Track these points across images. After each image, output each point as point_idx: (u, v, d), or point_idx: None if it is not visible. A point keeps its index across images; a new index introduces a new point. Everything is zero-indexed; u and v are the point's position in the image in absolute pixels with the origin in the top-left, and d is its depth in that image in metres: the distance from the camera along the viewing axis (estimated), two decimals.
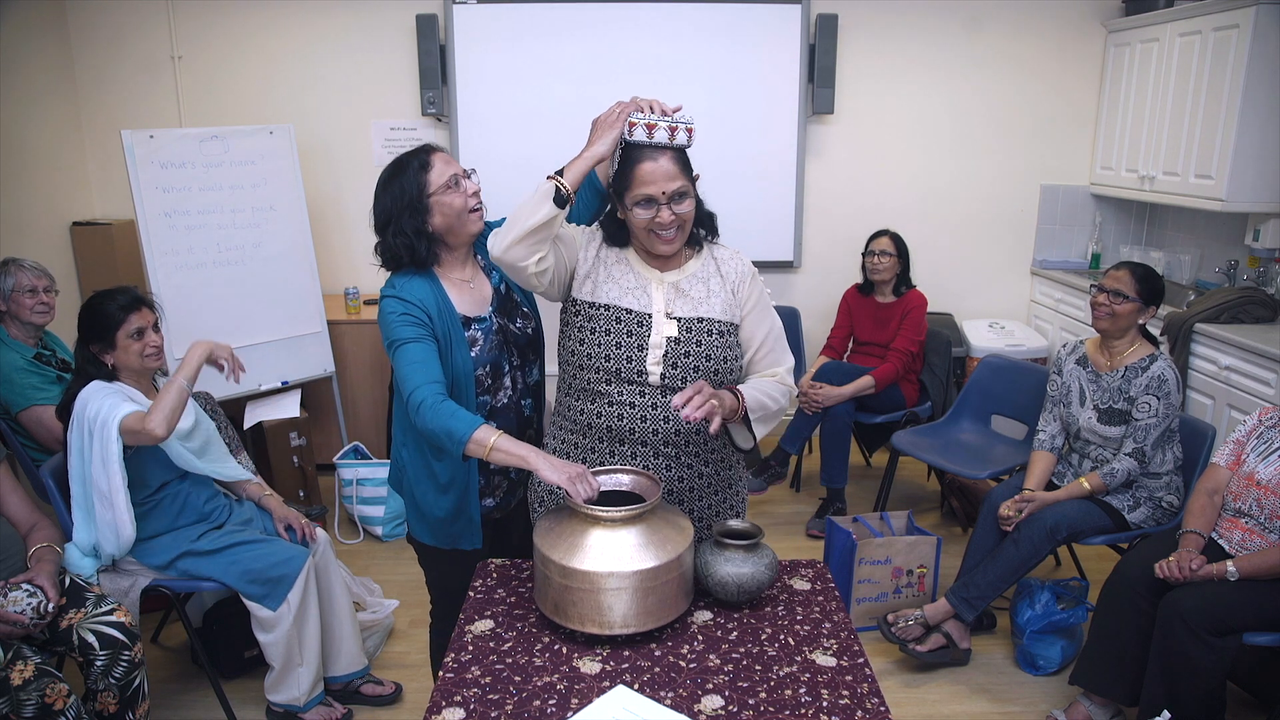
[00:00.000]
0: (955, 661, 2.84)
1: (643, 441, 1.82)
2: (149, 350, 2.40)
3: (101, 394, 2.31)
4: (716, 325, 1.84)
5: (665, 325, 1.81)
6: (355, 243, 4.65)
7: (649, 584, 1.56)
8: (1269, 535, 2.34)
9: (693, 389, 1.65)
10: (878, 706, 1.43)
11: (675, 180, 1.75)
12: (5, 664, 1.98)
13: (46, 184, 4.18)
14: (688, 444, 1.85)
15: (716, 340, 1.83)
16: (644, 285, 1.84)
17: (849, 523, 3.12)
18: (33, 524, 2.35)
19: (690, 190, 1.79)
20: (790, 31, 4.36)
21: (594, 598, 1.55)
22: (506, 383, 2.00)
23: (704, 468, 1.89)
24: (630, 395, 1.80)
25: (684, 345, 1.80)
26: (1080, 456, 2.91)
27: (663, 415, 1.80)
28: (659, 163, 1.74)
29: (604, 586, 1.55)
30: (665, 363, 1.79)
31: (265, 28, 4.42)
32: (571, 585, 1.56)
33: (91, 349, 2.38)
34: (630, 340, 1.80)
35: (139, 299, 2.42)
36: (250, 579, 2.41)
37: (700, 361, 1.80)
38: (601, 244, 1.90)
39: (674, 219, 1.77)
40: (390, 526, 3.75)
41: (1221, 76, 3.67)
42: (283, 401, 3.85)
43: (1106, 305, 2.76)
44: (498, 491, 2.06)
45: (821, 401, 3.73)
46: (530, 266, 1.74)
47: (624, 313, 1.82)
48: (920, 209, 4.69)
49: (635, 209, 1.77)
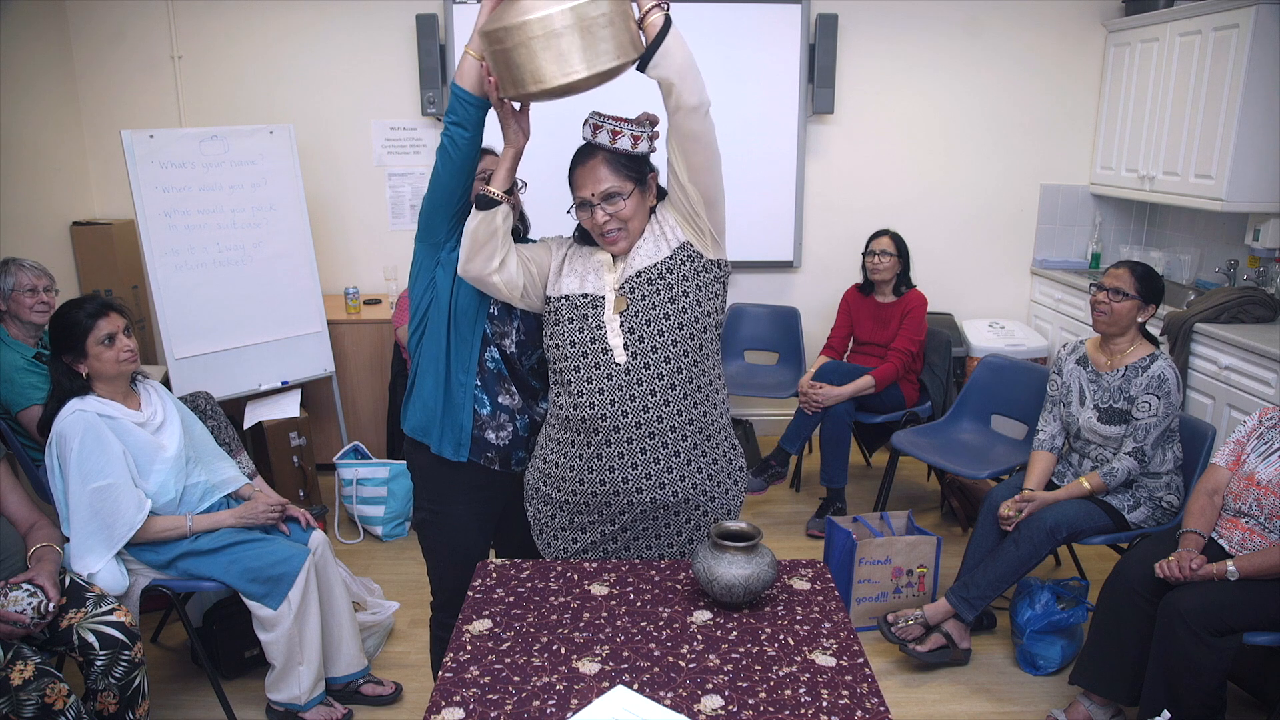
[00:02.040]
0: (955, 661, 2.84)
1: (615, 428, 1.83)
2: (123, 355, 2.40)
3: (84, 435, 2.31)
4: (653, 270, 1.84)
5: (616, 299, 1.85)
6: (355, 243, 4.65)
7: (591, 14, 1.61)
8: (1269, 535, 2.34)
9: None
10: (877, 706, 1.43)
11: (604, 182, 1.81)
12: (5, 664, 1.98)
13: (46, 184, 4.18)
14: (665, 430, 1.84)
15: (659, 285, 1.83)
16: (597, 269, 1.90)
17: (849, 523, 3.12)
18: (32, 523, 2.35)
19: (625, 190, 1.82)
20: (790, 31, 4.36)
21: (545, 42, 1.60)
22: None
23: (685, 463, 1.87)
24: (598, 380, 1.82)
25: (633, 307, 1.83)
26: (1080, 456, 2.90)
27: (629, 397, 1.82)
28: (588, 165, 1.83)
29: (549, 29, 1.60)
30: (624, 333, 1.82)
31: (265, 28, 4.42)
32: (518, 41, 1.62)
33: (64, 360, 2.39)
34: (588, 323, 1.85)
35: (107, 304, 2.42)
36: (250, 578, 2.41)
37: (650, 314, 1.82)
38: (572, 244, 1.98)
39: (607, 218, 1.83)
40: (390, 526, 3.75)
41: (1221, 76, 3.67)
42: (283, 401, 3.85)
43: (1105, 303, 2.76)
44: (503, 432, 2.04)
45: (821, 401, 3.73)
46: (494, 276, 1.84)
47: (580, 299, 1.87)
48: (920, 209, 4.70)
49: (577, 211, 1.88)
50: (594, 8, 1.63)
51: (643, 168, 1.86)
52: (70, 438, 2.31)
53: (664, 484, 1.86)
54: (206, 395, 3.40)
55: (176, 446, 2.50)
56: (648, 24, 1.73)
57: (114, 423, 2.38)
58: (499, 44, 1.66)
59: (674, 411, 1.84)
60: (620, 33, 1.68)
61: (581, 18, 1.62)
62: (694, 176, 1.81)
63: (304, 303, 3.97)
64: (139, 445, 2.41)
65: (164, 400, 2.57)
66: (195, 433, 2.62)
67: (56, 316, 2.42)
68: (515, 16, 1.63)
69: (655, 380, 1.82)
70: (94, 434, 2.32)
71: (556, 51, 1.63)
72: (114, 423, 2.38)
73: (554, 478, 1.94)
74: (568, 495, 1.92)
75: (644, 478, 1.85)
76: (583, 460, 1.87)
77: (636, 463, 1.85)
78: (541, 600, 1.74)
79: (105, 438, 2.33)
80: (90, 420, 2.33)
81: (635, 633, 1.62)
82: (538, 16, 1.61)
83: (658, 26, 1.72)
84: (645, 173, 1.86)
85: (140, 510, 2.36)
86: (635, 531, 1.93)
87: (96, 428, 2.33)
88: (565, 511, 1.95)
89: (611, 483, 1.86)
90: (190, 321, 3.65)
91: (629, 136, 1.81)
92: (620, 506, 1.89)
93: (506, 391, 2.02)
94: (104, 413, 2.37)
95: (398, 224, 4.64)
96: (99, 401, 2.39)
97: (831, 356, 4.05)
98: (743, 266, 4.62)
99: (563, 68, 1.65)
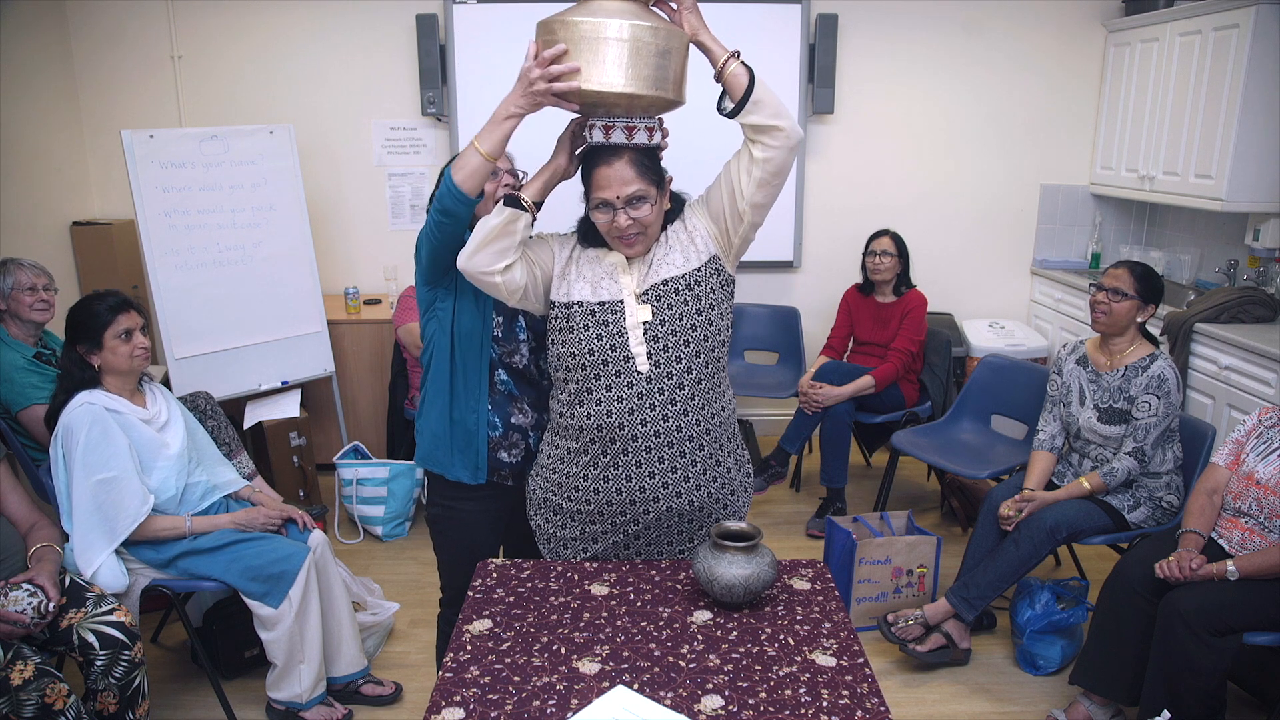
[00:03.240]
0: (955, 661, 2.84)
1: (633, 437, 1.80)
2: (137, 351, 2.43)
3: (90, 428, 2.32)
4: (681, 281, 1.81)
5: (638, 306, 1.80)
6: (355, 243, 4.65)
7: (646, 39, 1.64)
8: (1269, 535, 2.34)
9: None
10: (877, 706, 1.43)
11: (630, 184, 1.74)
12: (5, 664, 1.97)
13: (46, 184, 4.18)
14: (683, 439, 1.83)
15: (686, 295, 1.81)
16: (611, 273, 1.84)
17: (849, 523, 3.12)
18: (33, 523, 2.35)
19: (651, 194, 1.77)
20: (790, 31, 4.36)
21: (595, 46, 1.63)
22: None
23: (701, 471, 1.86)
24: (618, 389, 1.79)
25: (659, 315, 1.79)
26: (1080, 456, 2.91)
27: (649, 405, 1.78)
28: (614, 166, 1.75)
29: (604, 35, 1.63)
30: (648, 341, 1.78)
31: (265, 28, 4.42)
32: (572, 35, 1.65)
33: (78, 349, 2.40)
34: (608, 330, 1.79)
35: (127, 301, 2.45)
36: (251, 576, 2.41)
37: (676, 324, 1.79)
38: (575, 245, 1.91)
39: (630, 223, 1.77)
40: (390, 526, 3.75)
41: (1221, 76, 3.67)
42: (283, 401, 3.85)
43: (1105, 303, 2.76)
44: (515, 450, 2.04)
45: (821, 401, 3.73)
46: (496, 276, 1.77)
47: (597, 305, 1.81)
48: (920, 209, 4.70)
49: (594, 213, 1.79)
50: (652, 34, 1.66)
51: (661, 170, 1.82)
52: (77, 430, 2.32)
53: (680, 493, 1.85)
54: (206, 395, 3.40)
55: (180, 445, 2.51)
56: (729, 76, 1.73)
57: (120, 417, 2.39)
58: (551, 34, 1.70)
59: (692, 420, 1.82)
60: (667, 69, 1.70)
61: (636, 38, 1.65)
62: (760, 204, 1.80)
63: (304, 303, 3.97)
64: (143, 441, 2.42)
65: (168, 401, 2.59)
66: (197, 436, 2.64)
67: (77, 307, 2.43)
68: (575, 14, 1.68)
69: (676, 389, 1.79)
70: (101, 426, 2.33)
71: (599, 57, 1.66)
72: (120, 417, 2.39)
73: (565, 487, 1.90)
74: (580, 505, 1.88)
75: (661, 486, 1.83)
76: (598, 469, 1.84)
77: (654, 471, 1.82)
78: (542, 600, 1.73)
79: (111, 431, 2.34)
80: (97, 413, 2.34)
81: (635, 633, 1.62)
82: (596, 20, 1.65)
83: (741, 78, 1.72)
84: (663, 176, 1.83)
85: (144, 503, 2.37)
86: (648, 539, 1.91)
87: (103, 420, 2.34)
88: (577, 521, 1.91)
89: (628, 492, 1.83)
90: (190, 321, 3.65)
91: (644, 130, 1.76)
92: (634, 515, 1.86)
93: (519, 411, 2.02)
94: (111, 407, 2.38)
95: (398, 224, 4.64)
96: (106, 396, 2.40)
97: (831, 356, 4.05)
98: (743, 266, 4.52)
99: (600, 75, 1.66)
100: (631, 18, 1.65)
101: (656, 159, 1.81)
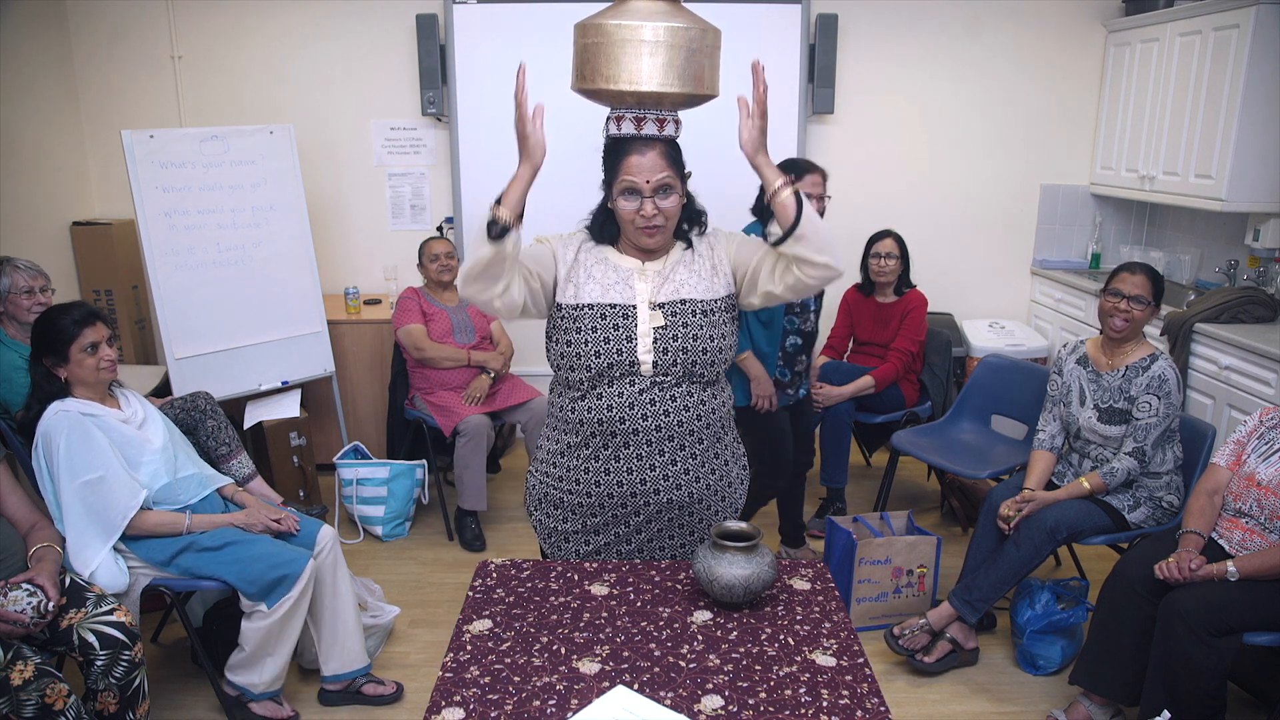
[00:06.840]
0: (964, 663, 2.84)
1: (634, 430, 1.83)
2: (104, 364, 2.43)
3: (69, 433, 2.32)
4: (699, 305, 1.85)
5: (651, 314, 1.83)
6: (355, 243, 4.65)
7: (679, 41, 1.72)
8: (1269, 535, 2.34)
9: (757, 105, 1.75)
10: (878, 706, 1.43)
11: (661, 172, 1.79)
12: (5, 664, 1.97)
13: (46, 184, 4.18)
14: (684, 434, 1.86)
15: (701, 320, 1.85)
16: (625, 278, 1.86)
17: (849, 523, 3.12)
18: (33, 523, 2.35)
19: (677, 186, 1.82)
20: (790, 31, 4.35)
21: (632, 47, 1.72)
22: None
23: (700, 464, 1.90)
24: (620, 386, 1.82)
25: (671, 329, 1.82)
26: (1080, 456, 2.90)
27: (650, 400, 1.82)
28: (646, 156, 1.80)
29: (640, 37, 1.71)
30: (656, 350, 1.82)
31: (265, 28, 4.42)
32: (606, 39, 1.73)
33: (45, 362, 2.41)
34: (618, 333, 1.82)
35: (94, 314, 2.45)
36: (251, 579, 2.41)
37: (688, 343, 1.83)
38: (581, 245, 1.91)
39: (657, 213, 1.80)
40: (390, 526, 3.75)
41: (1221, 76, 3.67)
42: (283, 401, 3.85)
43: (1127, 311, 2.75)
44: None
45: (822, 401, 3.73)
46: (495, 301, 1.78)
47: (608, 308, 1.83)
48: (920, 209, 4.69)
49: (620, 200, 1.82)
50: (685, 34, 1.74)
51: (684, 164, 1.87)
52: (55, 436, 2.33)
53: (680, 484, 1.89)
54: (206, 395, 3.39)
55: (162, 440, 2.52)
56: (778, 204, 1.74)
57: (97, 420, 2.40)
58: (588, 37, 1.77)
59: (693, 416, 1.87)
60: (700, 66, 1.78)
61: (672, 39, 1.73)
62: (777, 298, 1.84)
63: (304, 303, 3.96)
64: (125, 439, 2.43)
65: (143, 403, 2.60)
66: (177, 437, 2.64)
67: (41, 320, 2.44)
68: (610, 17, 1.76)
69: (677, 389, 1.84)
70: (79, 430, 2.34)
71: (637, 58, 1.73)
72: (97, 420, 2.40)
73: (565, 480, 1.93)
74: (581, 498, 1.91)
75: (662, 479, 1.87)
76: (599, 462, 1.87)
77: (654, 464, 1.86)
78: (542, 600, 1.74)
79: (91, 433, 2.35)
80: (74, 419, 2.35)
81: (635, 633, 1.62)
82: (633, 23, 1.72)
83: (789, 209, 1.73)
84: (685, 170, 1.87)
85: (134, 496, 2.37)
86: (649, 533, 1.93)
87: (81, 424, 2.35)
88: (577, 515, 1.94)
89: (628, 484, 1.87)
90: (190, 321, 3.65)
91: (672, 122, 1.84)
92: (635, 507, 1.90)
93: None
94: (86, 411, 2.39)
95: (398, 224, 4.64)
96: (79, 402, 2.41)
97: (831, 356, 4.05)
98: None
99: (637, 75, 1.74)
100: (665, 19, 1.73)
101: (680, 152, 1.86)
